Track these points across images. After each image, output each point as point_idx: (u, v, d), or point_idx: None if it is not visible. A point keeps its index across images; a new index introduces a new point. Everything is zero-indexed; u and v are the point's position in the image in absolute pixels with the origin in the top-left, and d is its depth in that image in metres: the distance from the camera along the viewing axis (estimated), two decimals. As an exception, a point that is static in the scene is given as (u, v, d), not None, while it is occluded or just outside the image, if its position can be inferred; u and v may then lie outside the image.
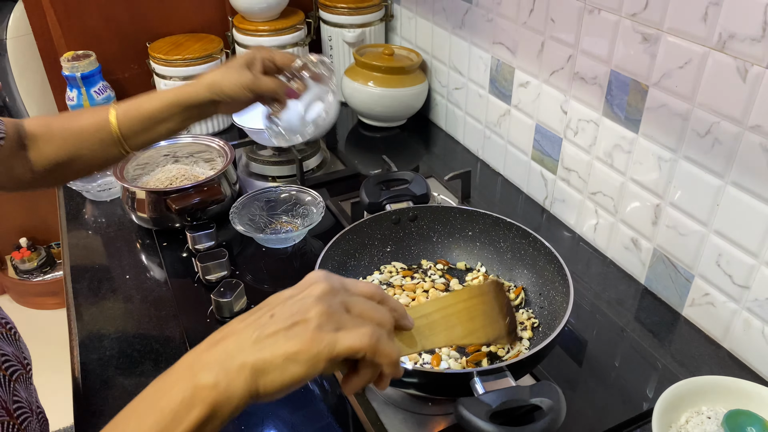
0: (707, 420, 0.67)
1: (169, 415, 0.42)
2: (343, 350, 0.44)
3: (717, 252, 0.78)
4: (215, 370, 0.43)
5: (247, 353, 0.43)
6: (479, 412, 0.53)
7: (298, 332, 0.44)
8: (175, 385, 0.43)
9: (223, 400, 0.42)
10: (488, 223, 0.80)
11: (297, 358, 0.43)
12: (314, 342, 0.43)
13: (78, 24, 1.25)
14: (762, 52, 0.66)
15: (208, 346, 0.45)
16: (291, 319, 0.45)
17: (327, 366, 0.44)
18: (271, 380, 0.43)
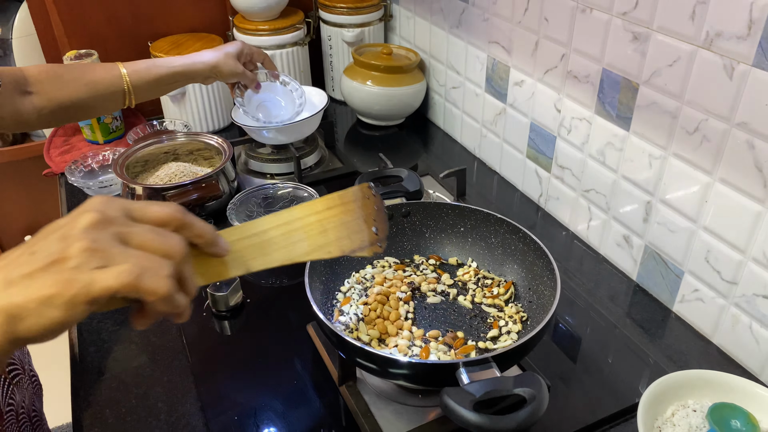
0: (693, 413, 0.68)
1: None
2: (101, 291, 0.39)
3: (706, 248, 0.79)
4: None
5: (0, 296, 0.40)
6: (463, 401, 0.54)
7: (53, 273, 0.40)
8: None
9: None
10: (479, 219, 0.81)
11: (52, 302, 0.39)
12: (69, 284, 0.39)
13: (80, 23, 1.27)
14: (747, 50, 0.67)
15: None
16: (49, 258, 0.40)
17: (89, 309, 0.40)
18: (29, 325, 0.39)
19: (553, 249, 0.98)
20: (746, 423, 0.65)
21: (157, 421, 0.72)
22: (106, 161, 1.18)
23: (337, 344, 0.66)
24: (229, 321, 0.85)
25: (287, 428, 0.70)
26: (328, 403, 0.73)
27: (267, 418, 0.71)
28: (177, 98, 1.28)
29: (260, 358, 0.80)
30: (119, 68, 0.91)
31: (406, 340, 0.71)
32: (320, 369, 0.77)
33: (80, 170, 1.15)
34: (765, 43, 0.65)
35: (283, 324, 0.85)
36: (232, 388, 0.75)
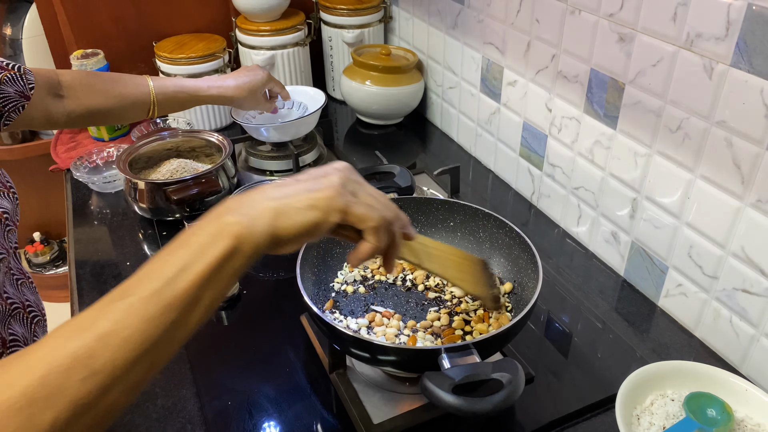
0: (671, 402, 0.70)
1: (197, 248, 0.46)
2: (356, 213, 0.52)
3: (689, 244, 0.81)
4: (240, 211, 0.48)
5: (272, 200, 0.49)
6: (442, 384, 0.56)
7: (321, 187, 0.51)
8: (203, 227, 0.48)
9: (246, 235, 0.47)
10: (468, 214, 0.83)
11: (317, 203, 0.50)
12: (335, 193, 0.51)
13: (87, 23, 1.30)
14: (725, 51, 0.69)
15: (234, 199, 0.50)
16: (314, 182, 0.52)
17: (339, 219, 0.51)
18: (292, 222, 0.49)
19: (544, 246, 1.01)
20: (721, 412, 0.67)
21: (154, 405, 0.75)
22: (110, 157, 1.22)
23: (327, 332, 0.68)
24: (226, 311, 0.88)
25: (279, 414, 0.73)
26: (319, 390, 0.76)
27: (260, 404, 0.74)
28: (180, 97, 1.31)
29: (255, 347, 0.82)
30: (148, 84, 0.98)
31: (395, 329, 0.74)
32: (312, 358, 0.80)
33: (85, 166, 1.19)
34: (742, 44, 0.67)
35: (278, 315, 0.87)
36: (226, 375, 0.78)
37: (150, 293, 0.44)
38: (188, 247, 0.46)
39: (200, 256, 0.45)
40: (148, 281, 0.45)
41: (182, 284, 0.44)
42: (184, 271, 0.45)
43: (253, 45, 1.35)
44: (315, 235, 0.51)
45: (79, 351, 0.41)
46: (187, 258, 0.45)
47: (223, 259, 0.46)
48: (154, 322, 0.43)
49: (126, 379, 0.42)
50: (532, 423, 0.72)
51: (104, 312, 0.43)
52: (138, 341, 0.42)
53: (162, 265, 0.45)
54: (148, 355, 0.43)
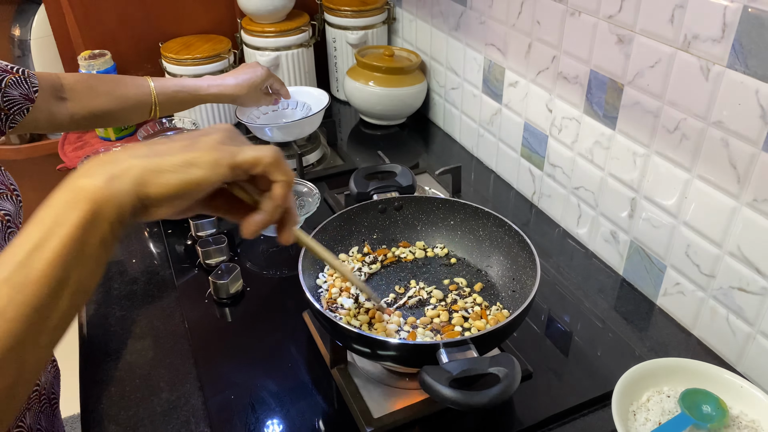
0: (666, 399, 0.71)
1: (50, 221, 0.40)
2: (247, 158, 0.47)
3: (686, 243, 0.82)
4: (99, 172, 0.42)
5: (139, 158, 0.43)
6: (440, 378, 0.57)
7: (197, 145, 0.46)
8: (56, 196, 0.42)
9: (105, 197, 0.41)
10: (468, 213, 0.84)
11: (196, 161, 0.44)
12: (215, 150, 0.46)
13: (95, 25, 1.32)
14: (722, 52, 0.70)
15: (95, 160, 0.44)
16: (189, 139, 0.46)
17: (227, 173, 0.46)
18: (165, 181, 0.43)
19: (545, 245, 1.02)
20: (716, 408, 0.68)
21: (159, 399, 0.76)
22: (117, 157, 1.23)
23: (328, 328, 0.70)
24: (230, 308, 0.90)
25: (281, 408, 0.74)
26: (321, 384, 0.77)
27: (262, 399, 0.75)
28: (186, 97, 1.32)
29: (257, 342, 0.84)
30: (149, 85, 0.98)
31: (395, 325, 0.75)
32: (314, 353, 0.81)
33: (92, 165, 1.20)
34: (737, 45, 0.68)
35: (280, 311, 0.89)
36: (230, 369, 0.79)
37: (5, 277, 0.38)
38: (40, 222, 0.40)
39: (54, 230, 0.39)
40: (3, 264, 0.39)
41: (37, 265, 0.39)
42: (36, 250, 0.39)
43: (258, 46, 1.37)
44: (193, 197, 0.45)
45: None
46: (39, 235, 0.39)
47: (81, 228, 0.40)
48: (7, 315, 0.37)
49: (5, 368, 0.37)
50: (530, 418, 0.73)
51: None
52: (9, 329, 0.37)
53: (12, 248, 0.40)
54: (12, 353, 0.37)
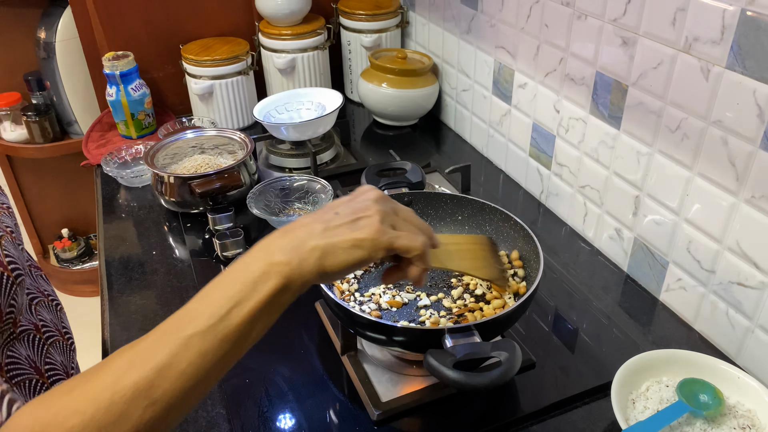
0: (665, 388, 0.74)
1: (249, 285, 0.49)
2: (401, 246, 0.55)
3: (687, 239, 0.84)
4: (288, 251, 0.51)
5: (318, 239, 0.52)
6: (444, 361, 0.60)
7: (364, 225, 0.54)
8: (253, 263, 0.51)
9: (295, 275, 0.50)
10: (475, 208, 0.87)
11: (362, 244, 0.53)
12: (378, 233, 0.53)
13: (119, 27, 1.37)
14: (721, 54, 0.72)
15: (280, 234, 0.53)
16: (354, 215, 0.54)
17: (383, 255, 0.54)
18: (339, 260, 0.52)
19: (552, 243, 1.04)
20: (713, 397, 0.70)
21: (177, 382, 0.80)
22: (138, 154, 1.28)
23: (339, 314, 0.73)
24: (245, 298, 0.93)
25: (293, 392, 0.77)
26: (331, 370, 0.80)
27: (276, 383, 0.79)
28: (205, 97, 1.37)
29: (272, 331, 0.86)
30: None
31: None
32: (325, 341, 0.84)
33: (115, 162, 1.25)
34: (736, 47, 0.70)
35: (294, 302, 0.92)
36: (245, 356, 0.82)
37: (205, 328, 0.47)
38: (240, 283, 0.49)
39: (251, 294, 0.49)
40: (202, 316, 0.48)
41: (235, 320, 0.48)
42: (236, 307, 0.48)
43: (275, 48, 1.41)
44: (359, 268, 0.56)
45: (140, 382, 0.45)
46: (240, 295, 0.48)
47: (273, 296, 0.49)
48: (209, 356, 0.47)
49: (182, 406, 0.47)
50: (533, 405, 0.75)
51: (161, 344, 0.47)
52: (193, 374, 0.46)
53: (215, 301, 0.49)
54: (202, 384, 0.47)
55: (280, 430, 0.73)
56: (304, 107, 1.30)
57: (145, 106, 1.36)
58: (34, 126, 1.92)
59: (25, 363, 0.70)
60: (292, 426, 0.73)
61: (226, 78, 1.35)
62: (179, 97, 1.48)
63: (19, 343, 0.70)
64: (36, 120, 1.91)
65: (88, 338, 2.12)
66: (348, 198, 0.58)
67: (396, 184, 0.91)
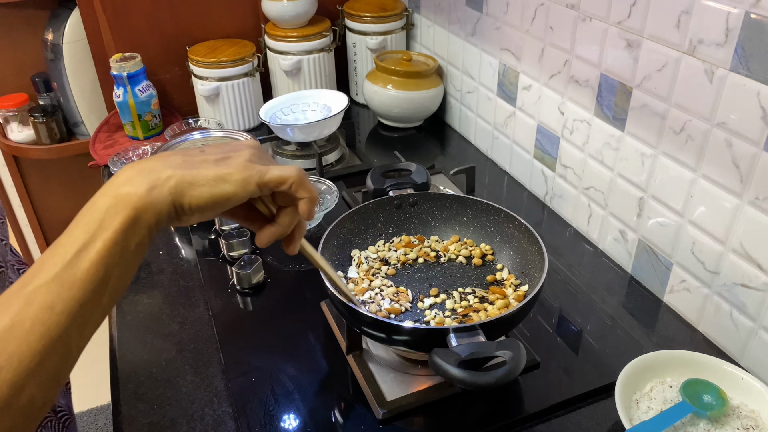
0: (669, 389, 0.74)
1: (95, 223, 0.43)
2: (273, 177, 0.50)
3: (691, 241, 0.84)
4: (137, 180, 0.45)
5: (175, 169, 0.47)
6: (449, 359, 0.61)
7: (229, 162, 0.49)
8: (98, 200, 0.45)
9: (145, 205, 0.44)
10: (480, 209, 0.88)
11: (228, 178, 0.48)
12: (245, 168, 0.49)
13: (126, 28, 1.38)
14: (725, 56, 0.73)
15: (130, 166, 0.47)
16: (222, 154, 0.50)
17: (255, 190, 0.49)
18: (199, 193, 0.47)
19: (556, 244, 1.05)
20: (717, 397, 0.71)
21: (184, 380, 0.81)
22: (145, 155, 1.29)
23: (345, 314, 0.73)
24: (252, 297, 0.94)
25: (299, 390, 0.78)
26: (337, 369, 0.81)
27: (281, 381, 0.79)
28: (211, 98, 1.38)
29: (277, 330, 0.88)
30: None
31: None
32: (331, 340, 0.85)
33: (122, 162, 1.26)
34: (740, 50, 0.71)
35: (300, 301, 0.93)
36: (251, 354, 0.84)
37: (48, 279, 0.42)
38: (84, 224, 0.44)
39: (99, 232, 0.43)
40: (45, 268, 0.42)
41: (84, 264, 0.42)
42: (84, 250, 0.43)
43: (281, 50, 1.42)
44: (222, 209, 0.49)
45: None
46: (85, 237, 0.43)
47: (123, 232, 0.43)
48: (57, 308, 0.41)
49: (38, 372, 0.40)
50: (537, 406, 0.76)
51: (4, 306, 0.41)
52: (42, 331, 0.40)
53: (58, 249, 0.43)
54: (59, 342, 0.41)
55: (285, 428, 0.74)
56: (310, 109, 1.30)
57: (152, 108, 1.37)
58: (41, 127, 1.93)
59: None
60: (298, 424, 0.74)
61: (232, 79, 1.36)
62: (185, 99, 1.49)
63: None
64: (43, 121, 1.92)
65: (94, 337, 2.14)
66: (221, 143, 0.53)
67: (401, 185, 0.91)
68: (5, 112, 1.95)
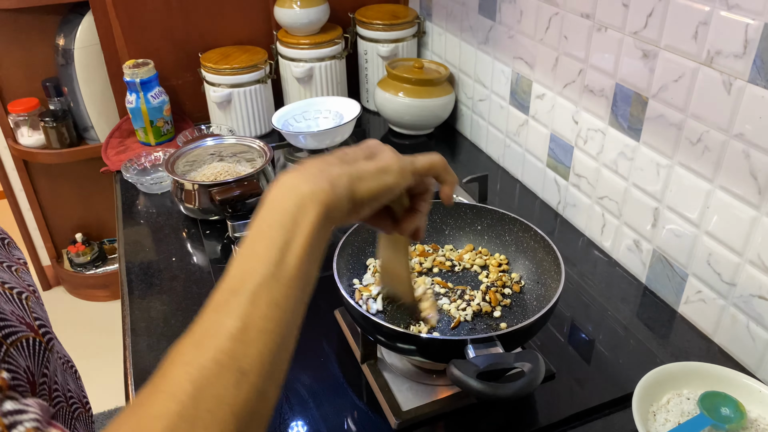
0: (686, 401, 0.74)
1: (289, 222, 0.44)
2: (425, 164, 0.55)
3: (708, 252, 0.84)
4: (314, 179, 0.47)
5: (340, 168, 0.49)
6: (468, 371, 0.61)
7: (380, 157, 0.52)
8: (283, 202, 0.45)
9: (333, 200, 0.46)
10: (495, 218, 0.88)
11: (388, 170, 0.51)
12: (398, 160, 0.52)
13: (140, 35, 1.39)
14: (743, 68, 0.73)
15: (294, 172, 0.48)
16: (366, 153, 0.53)
17: (411, 179, 0.53)
18: (368, 186, 0.49)
19: (569, 254, 1.04)
20: (735, 410, 0.70)
21: (198, 388, 0.80)
22: (157, 161, 1.29)
23: (362, 323, 0.73)
24: (265, 305, 0.94)
25: (314, 399, 0.78)
26: (351, 378, 0.81)
27: (296, 390, 0.79)
28: (223, 105, 1.38)
29: (291, 338, 0.87)
30: None
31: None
32: (345, 349, 0.85)
33: (134, 168, 1.26)
34: (759, 61, 0.71)
35: (313, 309, 0.92)
36: (265, 363, 0.83)
37: (264, 279, 0.42)
38: (278, 225, 0.44)
39: (296, 230, 0.44)
40: (256, 270, 0.42)
41: (292, 262, 0.43)
42: (287, 248, 0.43)
43: (293, 57, 1.42)
44: (386, 200, 0.52)
45: (220, 356, 0.38)
46: (284, 236, 0.44)
47: (317, 228, 0.45)
48: (282, 305, 0.42)
49: (275, 373, 0.40)
50: (553, 417, 0.76)
51: (224, 314, 0.40)
52: (273, 328, 0.41)
53: (261, 252, 0.44)
54: (285, 340, 0.42)
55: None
56: (322, 116, 1.31)
57: (164, 114, 1.38)
58: (51, 131, 1.94)
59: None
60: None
61: (244, 86, 1.36)
62: (197, 105, 1.50)
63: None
64: (53, 126, 1.93)
65: (102, 343, 2.15)
66: (350, 147, 0.55)
67: (416, 194, 0.91)
68: (16, 116, 1.96)
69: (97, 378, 2.03)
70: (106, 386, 1.84)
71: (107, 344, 2.14)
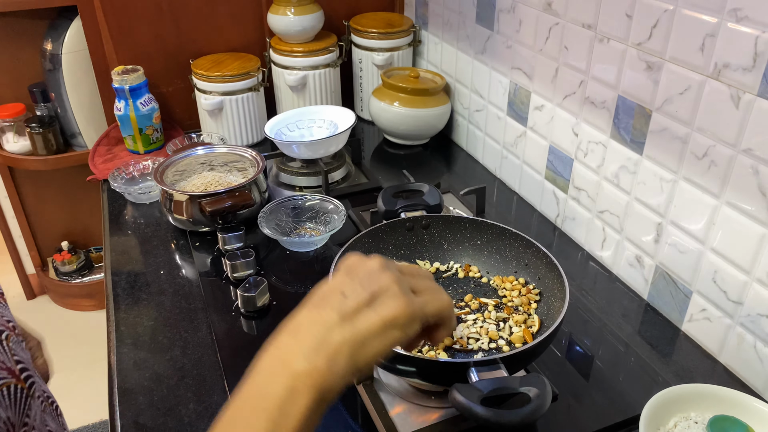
0: (694, 425, 0.71)
1: (276, 412, 0.41)
2: (434, 311, 0.49)
3: (713, 269, 0.82)
4: (311, 356, 0.42)
5: (340, 331, 0.43)
6: (471, 396, 0.58)
7: (387, 300, 0.45)
8: (273, 382, 0.42)
9: (329, 383, 0.42)
10: (495, 233, 0.85)
11: (396, 322, 0.45)
12: (408, 305, 0.46)
13: (129, 41, 1.36)
14: (753, 81, 0.71)
15: (290, 337, 0.44)
16: (368, 292, 0.45)
17: (417, 329, 0.47)
18: (373, 351, 0.44)
19: (568, 268, 1.01)
20: (745, 435, 0.68)
21: (186, 409, 0.77)
22: (146, 170, 1.26)
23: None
24: (256, 321, 0.91)
25: (307, 421, 0.74)
26: (346, 399, 0.77)
27: (288, 412, 0.76)
28: (214, 113, 1.35)
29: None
30: None
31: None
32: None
33: (122, 177, 1.23)
34: (769, 75, 0.69)
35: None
36: (256, 382, 0.80)
37: None
38: (264, 411, 0.41)
39: (282, 421, 0.41)
40: None
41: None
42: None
43: (287, 65, 1.39)
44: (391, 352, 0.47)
45: None
46: (272, 420, 0.41)
47: (308, 417, 0.41)
48: None
49: None
50: (555, 440, 0.73)
51: None
52: None
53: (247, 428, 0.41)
54: None
55: (293, 462, 0.70)
56: (316, 125, 1.28)
57: (153, 121, 1.35)
58: (37, 138, 1.90)
59: None
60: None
61: (236, 94, 1.34)
62: (188, 113, 1.47)
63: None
64: (39, 132, 1.89)
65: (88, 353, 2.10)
66: (343, 274, 0.48)
67: (413, 207, 0.88)
68: (1, 122, 1.92)
69: (81, 390, 1.98)
70: (89, 399, 1.79)
71: (92, 355, 2.09)
